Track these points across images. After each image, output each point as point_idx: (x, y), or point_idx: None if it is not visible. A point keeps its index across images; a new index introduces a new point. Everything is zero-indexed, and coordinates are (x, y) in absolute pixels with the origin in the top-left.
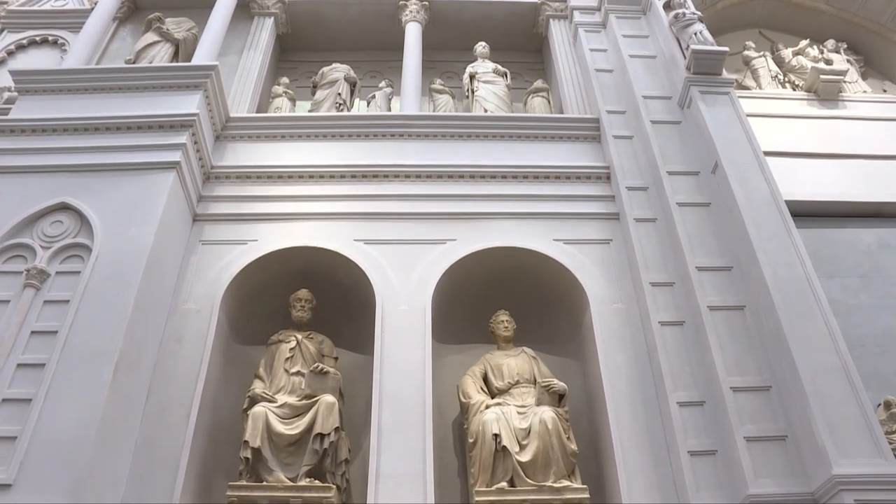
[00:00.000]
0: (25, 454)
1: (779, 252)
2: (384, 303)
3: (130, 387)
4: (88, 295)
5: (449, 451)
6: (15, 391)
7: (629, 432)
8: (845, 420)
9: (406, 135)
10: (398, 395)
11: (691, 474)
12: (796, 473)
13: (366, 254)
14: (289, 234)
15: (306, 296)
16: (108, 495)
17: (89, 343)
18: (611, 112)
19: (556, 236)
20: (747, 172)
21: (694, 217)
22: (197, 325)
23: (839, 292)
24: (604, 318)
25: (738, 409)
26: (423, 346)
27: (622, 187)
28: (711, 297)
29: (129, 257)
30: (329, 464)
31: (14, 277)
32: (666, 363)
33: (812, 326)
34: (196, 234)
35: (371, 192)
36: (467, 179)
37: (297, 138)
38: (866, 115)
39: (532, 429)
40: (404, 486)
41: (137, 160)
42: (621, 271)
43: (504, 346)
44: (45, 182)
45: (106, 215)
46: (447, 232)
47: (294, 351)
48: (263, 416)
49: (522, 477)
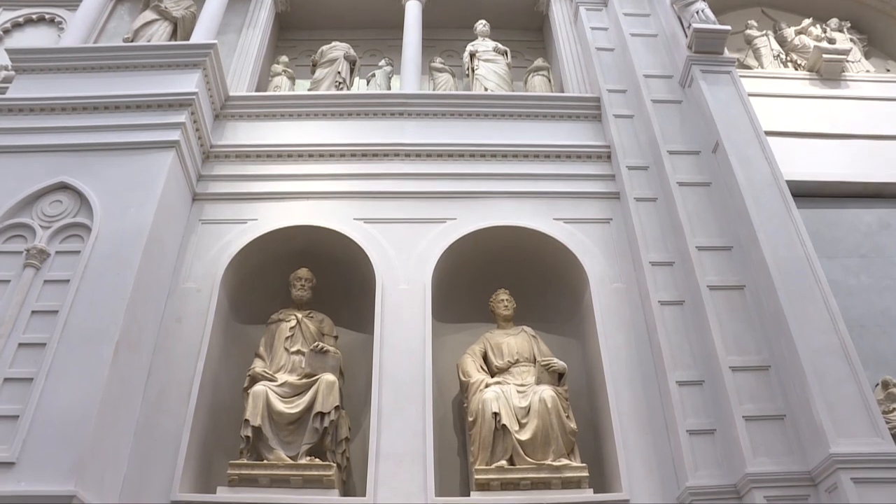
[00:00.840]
0: (28, 433)
1: (779, 232)
2: (384, 281)
3: (131, 366)
4: (88, 274)
5: (449, 429)
6: (16, 371)
7: (628, 411)
8: (843, 399)
9: (406, 113)
10: (398, 374)
11: (690, 453)
12: (794, 452)
13: (366, 232)
14: (289, 213)
15: (306, 275)
16: (110, 473)
17: (90, 322)
18: (611, 91)
19: (556, 215)
20: (748, 152)
21: (694, 196)
22: (197, 304)
23: (839, 273)
24: (603, 297)
25: (737, 388)
26: (422, 324)
27: (622, 166)
28: (711, 276)
29: (129, 237)
30: (329, 442)
31: (14, 257)
32: (665, 342)
33: (812, 306)
34: (196, 214)
35: (371, 170)
36: (467, 158)
37: (296, 117)
38: (869, 94)
39: (532, 407)
40: (404, 465)
41: (136, 139)
42: (621, 250)
43: (504, 324)
44: (44, 162)
45: (105, 195)
46: (447, 211)
47: (294, 330)
48: (264, 394)
49: (522, 455)
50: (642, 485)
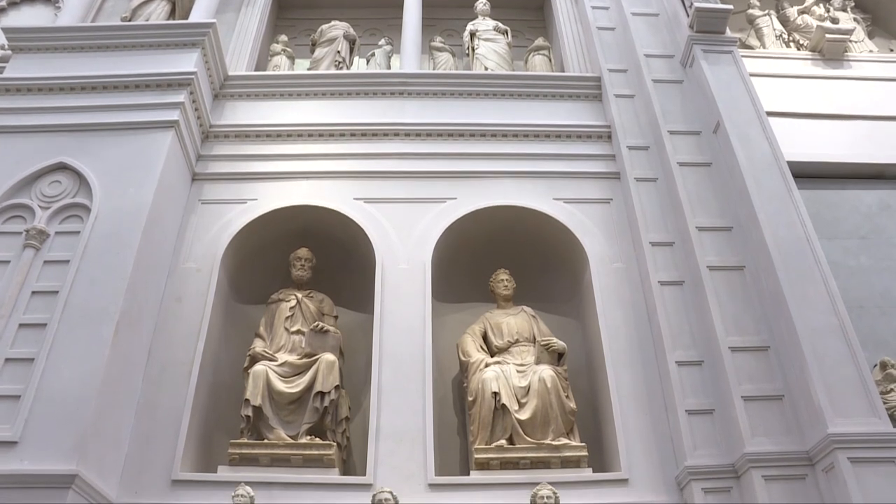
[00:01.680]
0: (30, 412)
1: (779, 213)
2: (384, 261)
3: (131, 346)
4: (88, 255)
5: (448, 408)
6: (17, 351)
7: (628, 391)
8: (842, 380)
9: (406, 93)
10: (398, 354)
11: (689, 433)
12: (792, 432)
13: (365, 212)
14: (288, 193)
15: (306, 255)
16: (112, 452)
17: (90, 302)
18: (612, 70)
19: (556, 195)
20: (749, 132)
21: (695, 177)
22: (197, 284)
23: (839, 254)
24: (603, 277)
25: (737, 368)
26: (422, 304)
27: (623, 146)
28: (711, 256)
29: (129, 217)
30: (329, 421)
31: (13, 238)
32: (665, 323)
33: (811, 287)
34: (195, 194)
35: (371, 150)
36: (467, 138)
37: (296, 97)
38: (871, 75)
39: (531, 387)
40: (404, 444)
41: (135, 119)
42: (621, 231)
43: (504, 304)
44: (43, 142)
45: (104, 175)
46: (447, 190)
47: (294, 310)
48: (264, 374)
49: (521, 435)
50: (641, 464)
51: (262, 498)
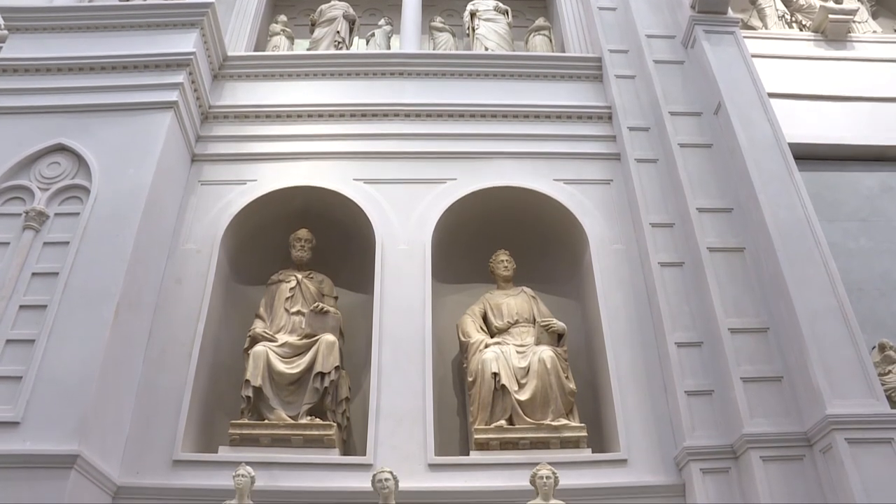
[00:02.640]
0: (31, 393)
1: (780, 194)
2: (384, 242)
3: (132, 327)
4: (88, 236)
5: (448, 389)
6: (18, 332)
7: (627, 372)
8: (840, 362)
9: (406, 73)
10: (398, 334)
11: (688, 413)
12: (790, 413)
13: (365, 193)
14: (288, 174)
15: (306, 235)
16: (113, 433)
17: (90, 284)
18: (613, 51)
19: (556, 176)
20: (750, 114)
21: (695, 158)
22: (197, 265)
23: (839, 236)
24: (603, 258)
25: (736, 350)
26: (422, 285)
27: (623, 127)
28: (711, 238)
29: (128, 198)
30: (330, 402)
31: (13, 219)
32: (665, 304)
33: (811, 269)
34: (195, 175)
35: (370, 131)
36: (467, 119)
37: (295, 77)
38: (875, 56)
39: (531, 368)
40: (404, 424)
41: (134, 100)
42: (621, 212)
43: (503, 285)
44: (41, 123)
45: (103, 156)
46: (447, 171)
47: (294, 290)
48: (264, 355)
49: (521, 415)
50: (640, 445)
51: (262, 478)
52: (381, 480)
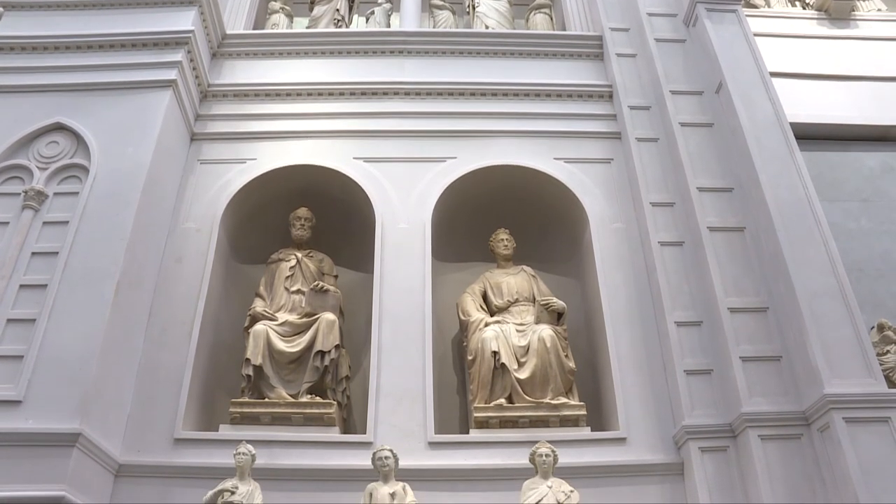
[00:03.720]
0: (33, 372)
1: (781, 174)
2: (384, 221)
3: (132, 306)
4: (88, 215)
5: (448, 368)
6: (19, 311)
7: (627, 351)
8: (839, 341)
9: (405, 52)
10: (398, 313)
11: (687, 392)
12: (789, 393)
13: (365, 172)
14: (288, 153)
15: (306, 214)
16: (115, 411)
17: (90, 263)
18: (614, 29)
19: (556, 155)
20: (752, 93)
21: (696, 137)
22: (197, 244)
23: (839, 216)
24: (603, 237)
25: (735, 329)
26: (422, 263)
27: (624, 106)
28: (711, 217)
29: (128, 177)
30: (330, 380)
31: (12, 199)
32: (665, 283)
33: (811, 249)
34: (194, 154)
35: (370, 109)
36: (467, 97)
37: (295, 55)
38: (879, 34)
39: (531, 346)
40: (404, 402)
41: (132, 78)
42: (622, 191)
43: (503, 264)
44: (39, 102)
45: (102, 135)
46: (447, 150)
47: (294, 269)
48: (264, 334)
49: (521, 394)
50: (639, 423)
51: (262, 456)
52: (381, 458)
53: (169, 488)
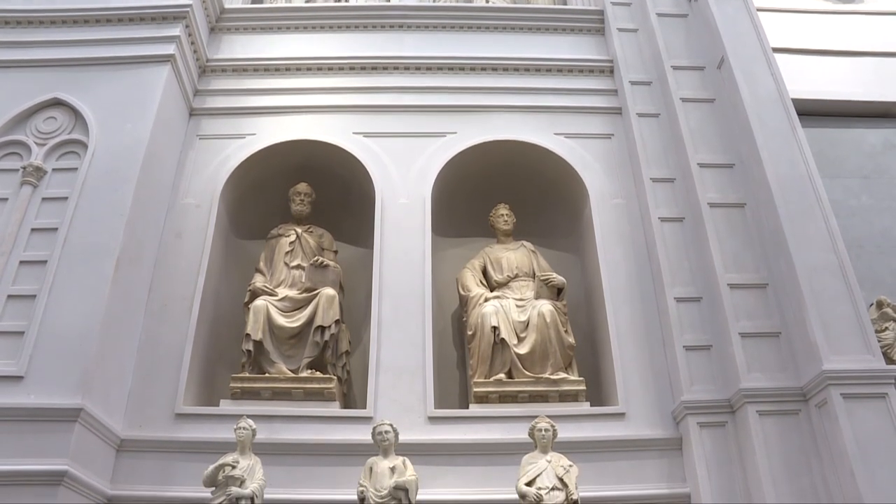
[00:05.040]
0: (34, 348)
1: (782, 150)
2: (384, 196)
3: (132, 281)
4: (87, 191)
5: (448, 343)
6: (19, 288)
7: (626, 326)
8: (838, 318)
9: (405, 26)
10: (398, 288)
11: (686, 368)
12: (787, 369)
13: (365, 147)
14: (287, 128)
15: (305, 189)
16: (116, 387)
17: (90, 239)
18: (615, 3)
19: (557, 130)
20: (754, 68)
21: (697, 113)
22: (196, 219)
23: (840, 193)
24: (603, 212)
25: (735, 305)
26: (422, 238)
27: (625, 81)
28: (712, 193)
29: (126, 153)
30: (330, 355)
31: (10, 175)
32: (664, 259)
33: (811, 226)
34: (193, 129)
35: (370, 84)
36: (468, 72)
37: (294, 30)
38: (883, 9)
39: (530, 322)
40: (404, 377)
41: (130, 53)
42: (622, 166)
43: (503, 239)
44: (36, 77)
45: (100, 111)
46: (447, 125)
47: (294, 245)
48: (265, 309)
49: (520, 369)
50: (638, 398)
51: (263, 431)
52: (381, 433)
53: (170, 463)
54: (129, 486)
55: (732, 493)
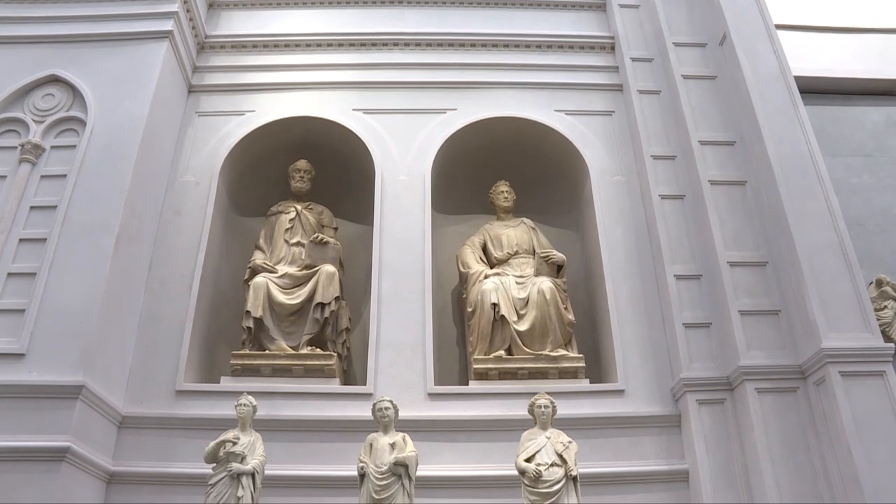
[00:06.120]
0: (35, 325)
1: (783, 128)
2: (383, 173)
3: (132, 259)
4: (85, 169)
5: (448, 319)
6: (19, 265)
7: (626, 304)
8: (837, 296)
9: (406, 1)
10: (398, 265)
11: (685, 345)
12: (786, 346)
13: (365, 123)
14: (286, 104)
15: (305, 166)
16: (117, 364)
17: (89, 216)
18: None
19: (557, 107)
20: (756, 45)
21: (699, 90)
22: (196, 196)
23: (842, 171)
24: (604, 189)
25: (734, 283)
26: (422, 215)
27: (626, 58)
28: (713, 171)
29: (125, 130)
30: (330, 332)
31: (9, 152)
32: (665, 236)
33: (812, 204)
34: (192, 106)
35: (370, 60)
36: (468, 48)
37: (293, 5)
38: None
39: (530, 299)
40: (404, 354)
41: (128, 30)
42: (623, 143)
43: (503, 216)
44: (33, 53)
45: (98, 87)
46: (447, 101)
47: (294, 222)
48: (265, 286)
49: (520, 345)
50: (637, 376)
51: (263, 407)
52: (381, 409)
53: (171, 439)
54: (130, 462)
55: (730, 470)
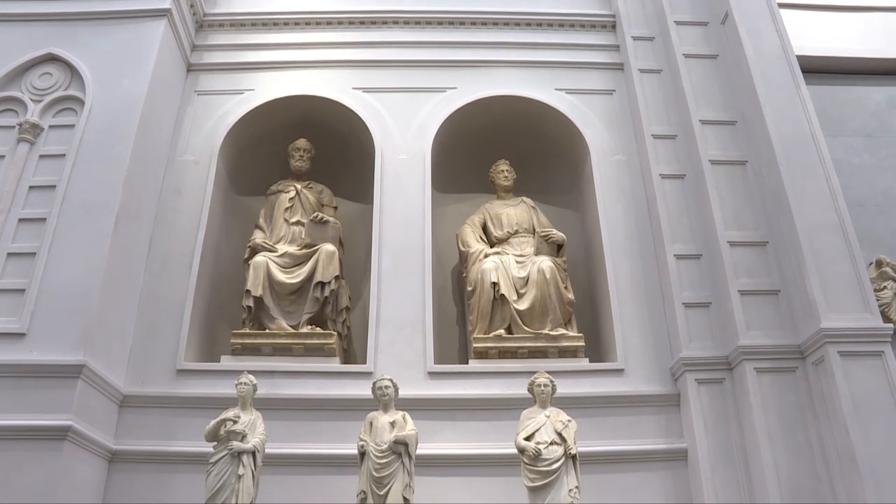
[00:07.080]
0: (35, 305)
1: (785, 108)
2: (383, 151)
3: (132, 238)
4: (84, 148)
5: (448, 298)
6: (19, 245)
7: (626, 283)
8: (837, 276)
9: None
10: (398, 244)
11: (685, 325)
12: (786, 326)
13: (364, 102)
14: (286, 83)
15: (305, 145)
16: (117, 343)
17: (88, 196)
18: None
19: (558, 85)
20: (759, 24)
21: (700, 69)
22: (195, 176)
23: (843, 151)
24: (604, 169)
25: (734, 262)
26: (422, 194)
27: (627, 37)
28: (714, 150)
29: (124, 109)
30: (330, 311)
31: (7, 132)
32: (665, 216)
33: (813, 184)
34: (191, 85)
35: (369, 39)
36: (468, 26)
37: None
38: None
39: (530, 278)
40: (404, 333)
41: (125, 7)
42: (623, 122)
43: (503, 195)
44: (29, 32)
45: (97, 66)
46: (447, 80)
47: (293, 201)
48: (265, 265)
49: (520, 324)
50: (637, 355)
51: (264, 386)
52: (381, 388)
53: (172, 418)
54: (132, 440)
55: (729, 449)
